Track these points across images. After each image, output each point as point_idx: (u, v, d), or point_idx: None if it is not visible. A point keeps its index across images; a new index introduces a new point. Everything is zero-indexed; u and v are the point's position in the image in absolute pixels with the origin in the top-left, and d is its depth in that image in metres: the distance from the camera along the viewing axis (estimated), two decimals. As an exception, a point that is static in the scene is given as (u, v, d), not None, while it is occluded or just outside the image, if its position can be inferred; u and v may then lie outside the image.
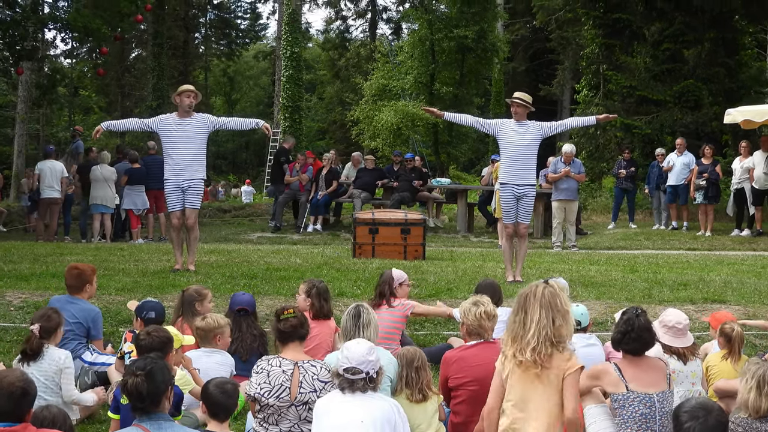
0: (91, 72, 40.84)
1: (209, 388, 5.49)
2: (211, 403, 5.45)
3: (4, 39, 21.93)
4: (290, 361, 5.69)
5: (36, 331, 6.61)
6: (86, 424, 6.94)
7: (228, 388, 5.51)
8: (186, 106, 11.14)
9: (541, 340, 4.78)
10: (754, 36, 27.50)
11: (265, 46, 61.67)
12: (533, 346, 4.79)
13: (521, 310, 4.90)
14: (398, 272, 8.30)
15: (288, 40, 32.96)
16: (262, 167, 38.08)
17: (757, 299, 10.14)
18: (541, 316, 4.82)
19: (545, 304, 4.85)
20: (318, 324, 7.56)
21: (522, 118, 11.02)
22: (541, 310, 4.83)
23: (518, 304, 4.95)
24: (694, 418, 4.29)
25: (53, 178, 18.18)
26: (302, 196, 19.94)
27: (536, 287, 4.93)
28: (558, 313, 4.84)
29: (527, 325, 4.83)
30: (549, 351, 4.80)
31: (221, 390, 5.47)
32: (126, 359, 7.13)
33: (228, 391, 5.49)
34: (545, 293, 4.89)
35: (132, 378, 4.70)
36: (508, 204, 11.14)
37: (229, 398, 5.48)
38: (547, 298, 4.86)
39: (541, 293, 4.89)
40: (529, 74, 42.38)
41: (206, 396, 5.49)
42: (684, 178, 18.99)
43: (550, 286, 4.93)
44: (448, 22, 30.00)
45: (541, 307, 4.84)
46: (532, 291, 4.92)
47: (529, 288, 4.96)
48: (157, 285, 10.51)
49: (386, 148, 29.35)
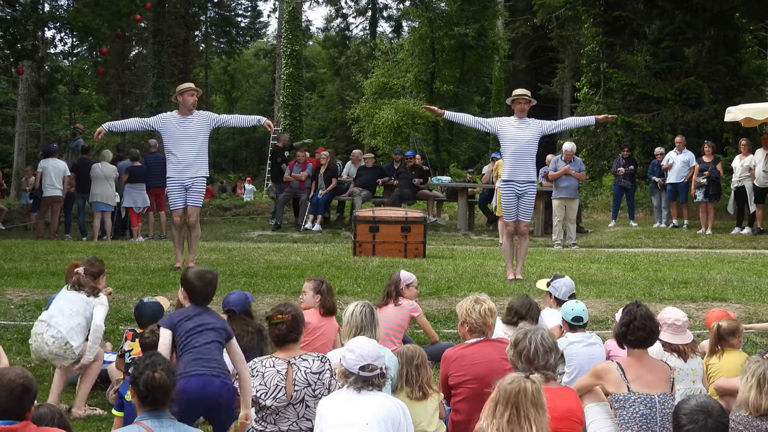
0: (92, 70, 40.86)
1: (188, 275, 5.97)
2: (189, 289, 5.92)
3: (5, 38, 21.92)
4: (283, 360, 5.69)
5: (81, 272, 7.15)
6: (87, 422, 6.95)
7: (207, 277, 5.94)
8: (190, 104, 11.12)
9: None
10: (754, 34, 27.49)
11: (266, 44, 61.69)
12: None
13: (512, 407, 4.66)
14: (406, 274, 8.40)
15: (288, 38, 32.99)
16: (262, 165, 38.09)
17: (758, 297, 10.14)
18: (536, 416, 4.62)
19: (535, 403, 4.65)
20: (326, 321, 7.57)
21: (524, 115, 11.03)
22: (534, 410, 4.63)
23: (506, 400, 4.68)
24: (693, 422, 4.28)
25: (56, 176, 18.18)
26: (303, 195, 19.94)
27: (523, 384, 4.68)
28: (544, 411, 4.67)
29: (523, 423, 4.62)
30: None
31: (199, 277, 5.91)
32: (126, 358, 7.14)
33: (206, 278, 5.93)
34: (533, 391, 4.68)
35: (158, 372, 4.65)
36: (509, 202, 11.13)
37: (207, 285, 5.90)
38: (536, 397, 4.66)
39: (531, 392, 4.66)
40: (529, 72, 42.36)
41: (185, 282, 5.98)
42: (684, 176, 18.96)
43: (533, 382, 4.73)
44: (449, 20, 30.02)
45: (533, 406, 4.64)
46: (522, 389, 4.68)
47: (516, 384, 4.70)
48: (158, 283, 10.51)
49: (386, 146, 29.37)
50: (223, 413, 5.67)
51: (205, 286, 5.92)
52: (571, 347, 6.70)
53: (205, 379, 5.56)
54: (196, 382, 5.50)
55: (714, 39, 24.62)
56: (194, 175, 11.18)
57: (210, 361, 5.63)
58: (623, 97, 25.26)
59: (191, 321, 5.77)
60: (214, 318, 5.88)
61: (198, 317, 5.80)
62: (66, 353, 6.92)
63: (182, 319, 5.82)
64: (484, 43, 30.38)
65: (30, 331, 7.17)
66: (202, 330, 5.73)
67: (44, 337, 6.91)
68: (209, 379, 5.57)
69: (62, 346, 6.90)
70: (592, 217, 23.45)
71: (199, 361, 5.61)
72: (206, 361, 5.62)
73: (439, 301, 9.99)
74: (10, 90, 33.23)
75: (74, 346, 6.93)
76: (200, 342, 5.69)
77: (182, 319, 5.82)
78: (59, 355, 6.93)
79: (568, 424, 5.21)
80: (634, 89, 24.77)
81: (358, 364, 5.02)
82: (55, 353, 6.91)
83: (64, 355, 6.93)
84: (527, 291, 10.24)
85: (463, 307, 6.44)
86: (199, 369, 5.58)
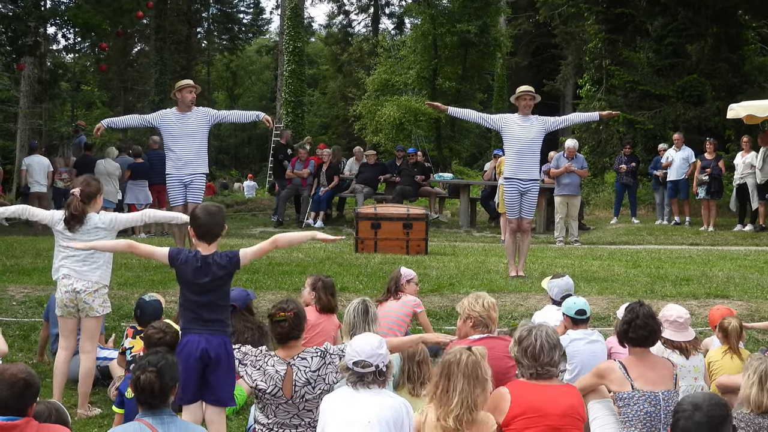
0: (94, 67, 40.83)
1: (195, 210, 5.94)
2: (194, 224, 5.86)
3: (6, 34, 21.91)
4: (283, 361, 5.68)
5: (77, 194, 6.90)
6: (88, 419, 6.95)
7: (211, 210, 5.91)
8: (188, 101, 11.11)
9: (463, 408, 4.86)
10: (757, 31, 27.42)
11: (268, 41, 61.60)
12: (456, 414, 4.86)
13: (444, 378, 4.96)
14: (407, 270, 8.46)
15: (290, 35, 32.95)
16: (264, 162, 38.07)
17: (760, 294, 10.14)
18: (463, 386, 4.89)
19: (467, 374, 4.91)
20: (324, 318, 7.58)
21: (528, 112, 11.01)
22: (463, 380, 4.90)
23: (442, 370, 5.01)
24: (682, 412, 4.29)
25: (40, 172, 18.47)
26: (304, 191, 19.95)
27: (459, 355, 4.98)
28: (478, 383, 4.91)
29: (450, 393, 4.90)
30: (470, 417, 4.87)
31: (203, 209, 5.90)
32: (127, 355, 7.15)
33: (210, 210, 5.90)
34: (468, 362, 4.94)
35: (145, 374, 4.68)
36: (512, 199, 11.12)
37: (210, 216, 5.84)
38: (470, 368, 4.92)
39: (464, 363, 4.94)
40: (531, 69, 42.26)
41: (191, 219, 5.93)
42: (684, 172, 18.99)
43: (473, 354, 4.98)
44: (451, 17, 29.97)
45: (464, 377, 4.90)
46: (456, 359, 4.97)
47: (452, 355, 5.01)
48: (159, 280, 10.53)
49: (389, 143, 29.34)
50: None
51: (208, 217, 5.86)
52: (573, 344, 6.69)
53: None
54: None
55: (716, 36, 24.57)
56: (194, 171, 11.17)
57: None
58: (625, 94, 25.22)
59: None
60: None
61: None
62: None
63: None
64: (486, 40, 30.32)
65: (31, 328, 7.16)
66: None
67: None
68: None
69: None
70: (594, 214, 23.44)
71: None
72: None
73: (441, 297, 10.00)
74: (12, 87, 33.18)
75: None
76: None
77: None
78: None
79: (570, 421, 5.21)
80: (636, 86, 24.73)
81: (352, 359, 5.04)
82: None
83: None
84: (529, 288, 10.27)
85: (465, 303, 6.45)
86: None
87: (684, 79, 23.96)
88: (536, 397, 5.19)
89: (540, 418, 5.13)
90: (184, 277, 5.77)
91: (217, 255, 5.80)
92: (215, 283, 5.74)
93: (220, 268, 5.75)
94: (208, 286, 5.71)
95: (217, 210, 5.96)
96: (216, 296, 5.75)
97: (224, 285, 5.82)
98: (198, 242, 5.86)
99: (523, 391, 5.24)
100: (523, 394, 5.21)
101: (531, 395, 5.20)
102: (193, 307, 5.72)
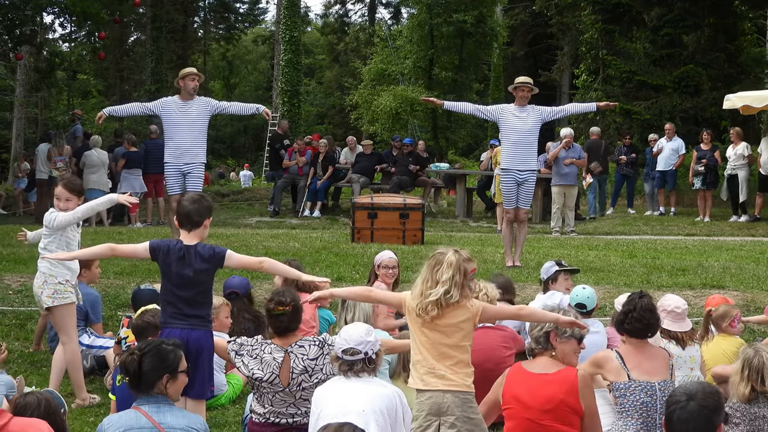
0: (90, 56, 40.68)
1: (181, 198, 6.10)
2: (178, 210, 5.90)
3: (3, 23, 21.84)
4: (281, 348, 5.69)
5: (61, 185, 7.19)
6: (85, 407, 6.95)
7: (192, 197, 5.98)
8: (191, 89, 11.04)
9: (441, 295, 4.97)
10: (753, 21, 27.44)
11: (264, 30, 61.45)
12: (435, 299, 4.96)
13: (429, 269, 5.09)
14: (379, 255, 8.33)
15: (287, 25, 32.84)
16: (260, 151, 38.01)
17: (756, 285, 10.16)
18: (449, 276, 4.99)
19: (453, 266, 5.01)
20: None
21: (525, 103, 11.00)
22: (449, 270, 4.99)
23: (428, 269, 5.10)
24: (675, 403, 4.30)
25: (43, 160, 18.86)
26: (301, 181, 19.95)
27: (448, 254, 5.08)
28: (461, 275, 5.01)
29: (433, 282, 5.03)
30: (456, 299, 4.97)
31: (186, 197, 6.00)
32: (123, 344, 7.15)
33: (191, 198, 5.96)
34: (453, 258, 5.05)
35: (128, 356, 4.75)
36: (509, 189, 11.13)
37: (190, 203, 5.85)
38: (456, 263, 5.02)
39: (450, 258, 5.06)
40: (528, 59, 42.20)
41: (177, 205, 6.01)
42: (672, 163, 19.10)
43: (460, 254, 5.08)
44: (447, 7, 29.92)
45: (449, 267, 5.00)
46: (446, 258, 5.07)
47: (441, 254, 5.10)
48: (156, 269, 10.42)
49: (385, 133, 29.34)
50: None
51: (189, 202, 5.87)
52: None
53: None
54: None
55: (713, 26, 24.57)
56: (192, 161, 11.12)
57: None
58: (622, 84, 25.22)
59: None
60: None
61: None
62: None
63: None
64: (482, 29, 30.30)
65: (28, 317, 7.15)
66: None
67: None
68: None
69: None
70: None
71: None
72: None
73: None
74: (8, 76, 33.08)
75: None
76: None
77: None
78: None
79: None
80: (632, 76, 24.74)
81: (342, 347, 5.07)
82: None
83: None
84: (525, 278, 10.28)
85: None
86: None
87: (680, 69, 23.99)
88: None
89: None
90: (166, 266, 5.75)
91: (201, 246, 5.78)
92: (197, 277, 5.70)
93: (202, 261, 5.72)
94: (190, 279, 5.68)
95: (200, 198, 5.98)
96: (197, 291, 5.72)
97: (206, 281, 5.78)
98: (180, 229, 5.86)
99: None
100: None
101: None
102: (175, 301, 5.69)
